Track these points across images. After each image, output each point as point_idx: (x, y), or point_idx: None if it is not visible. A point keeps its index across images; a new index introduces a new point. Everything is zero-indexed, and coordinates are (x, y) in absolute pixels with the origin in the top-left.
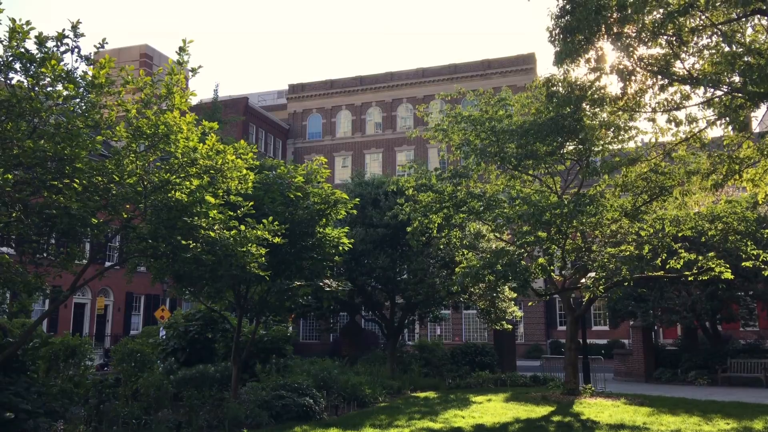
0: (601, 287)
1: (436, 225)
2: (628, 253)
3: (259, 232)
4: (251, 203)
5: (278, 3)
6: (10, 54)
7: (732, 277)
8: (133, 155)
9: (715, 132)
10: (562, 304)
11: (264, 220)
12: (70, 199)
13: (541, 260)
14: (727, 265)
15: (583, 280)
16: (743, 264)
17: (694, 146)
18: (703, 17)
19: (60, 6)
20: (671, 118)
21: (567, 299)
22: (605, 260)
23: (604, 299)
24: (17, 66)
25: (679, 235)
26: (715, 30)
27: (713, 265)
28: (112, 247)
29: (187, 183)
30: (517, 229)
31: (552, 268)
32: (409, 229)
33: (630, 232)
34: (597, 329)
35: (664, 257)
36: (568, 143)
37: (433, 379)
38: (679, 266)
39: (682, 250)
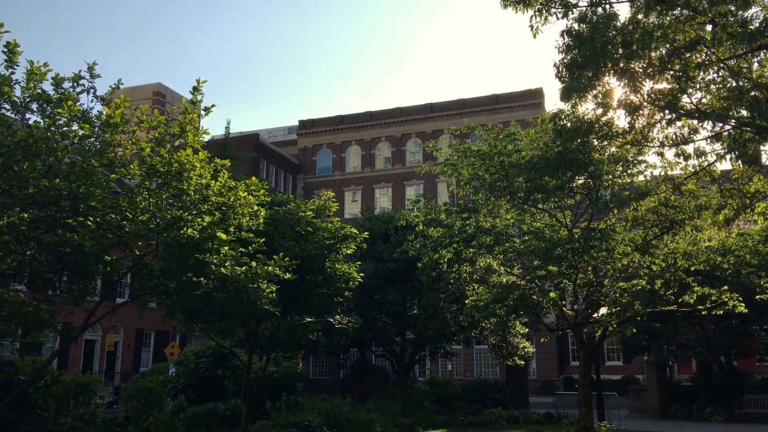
0: (613, 322)
1: (446, 260)
2: (640, 287)
3: (269, 268)
4: (262, 239)
5: (288, 41)
6: (27, 95)
7: (746, 311)
8: (146, 192)
9: (725, 165)
10: (574, 339)
11: (275, 256)
12: (84, 237)
13: (552, 295)
14: (741, 299)
15: (596, 315)
16: (758, 297)
17: (704, 180)
18: (709, 53)
19: (75, 44)
20: (680, 152)
21: (579, 334)
22: (617, 295)
23: (617, 334)
24: (34, 107)
25: (692, 268)
26: (722, 65)
27: (727, 299)
28: (123, 284)
29: (199, 220)
30: (527, 263)
31: (563, 302)
32: (419, 264)
33: (642, 266)
34: (610, 365)
35: (676, 291)
36: (577, 177)
37: (444, 417)
38: (692, 300)
39: (695, 284)
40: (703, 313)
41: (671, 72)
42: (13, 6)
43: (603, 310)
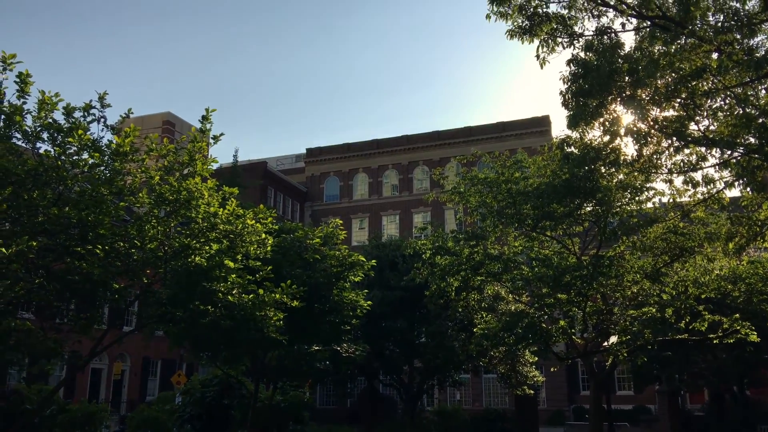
0: (624, 351)
1: (454, 288)
2: (650, 315)
3: (277, 296)
4: (269, 267)
5: (296, 70)
6: (38, 125)
7: (758, 339)
8: (154, 221)
9: (734, 192)
10: (584, 368)
11: (282, 284)
12: (93, 265)
13: (561, 323)
14: (753, 327)
15: (606, 344)
16: None
17: (713, 207)
18: (715, 80)
19: (86, 72)
20: (688, 179)
21: (589, 363)
22: (627, 323)
23: (628, 363)
24: (45, 136)
25: (702, 296)
26: (729, 93)
27: (738, 327)
28: (131, 312)
29: (207, 248)
30: (536, 291)
31: (573, 331)
32: (427, 292)
33: (652, 293)
34: (622, 394)
35: (687, 319)
36: (585, 204)
37: None
38: (703, 329)
39: (706, 312)
40: (715, 341)
41: (678, 100)
42: (24, 34)
43: (613, 339)
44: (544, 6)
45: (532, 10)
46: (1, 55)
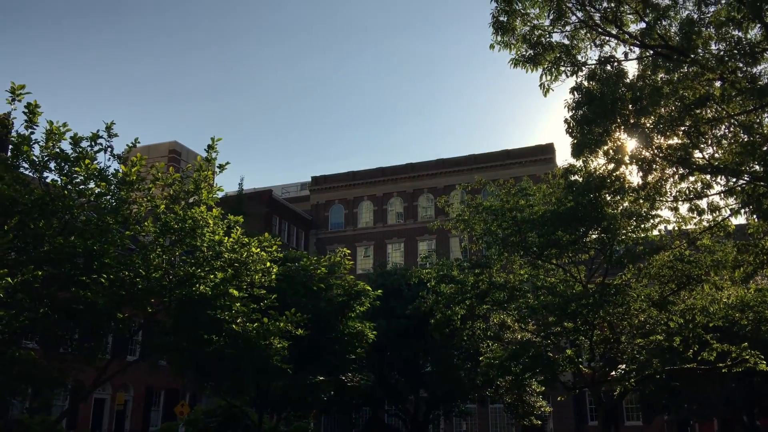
0: (632, 380)
1: (460, 316)
2: (658, 344)
3: (281, 324)
4: (274, 296)
5: (300, 99)
6: (46, 154)
7: (767, 368)
8: (159, 249)
9: (740, 220)
10: (592, 398)
11: (287, 312)
12: (97, 294)
13: (568, 352)
14: (762, 356)
15: (613, 373)
16: None
17: (719, 235)
18: (719, 109)
19: (93, 101)
20: (693, 206)
21: (597, 393)
22: (635, 352)
23: (636, 393)
24: (52, 165)
25: (710, 324)
26: (732, 121)
27: (747, 356)
28: (134, 341)
29: (212, 276)
30: (542, 319)
31: (580, 360)
32: (432, 321)
33: (659, 322)
34: (630, 425)
35: (696, 348)
36: (590, 232)
37: None
38: (712, 358)
39: (714, 341)
40: (723, 370)
41: (682, 128)
42: (31, 62)
43: (621, 368)
44: (547, 36)
45: (535, 39)
46: (11, 86)
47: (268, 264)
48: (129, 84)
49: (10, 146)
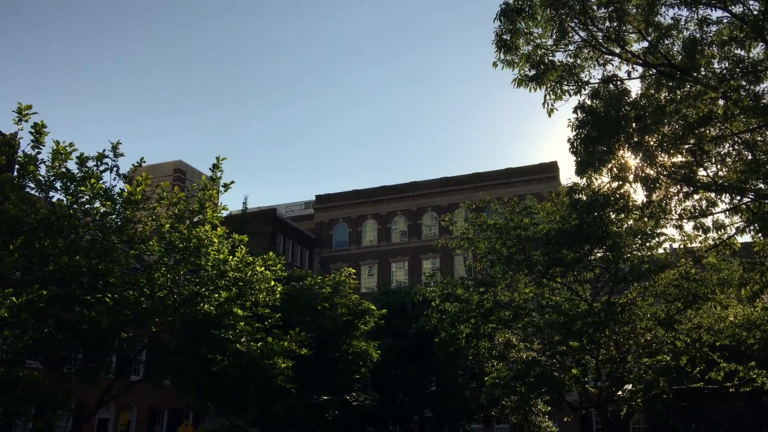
0: (639, 400)
1: (464, 335)
2: (664, 363)
3: (285, 344)
4: (278, 315)
5: (304, 117)
6: (52, 174)
7: None
8: (164, 268)
9: (746, 238)
10: (598, 418)
11: (291, 331)
12: (102, 314)
13: (574, 371)
14: None
15: (620, 393)
16: None
17: (725, 253)
18: (722, 127)
19: (99, 121)
20: (698, 224)
21: (604, 413)
22: (641, 371)
23: (643, 413)
24: (58, 185)
25: (717, 344)
26: (736, 139)
27: (755, 376)
28: (138, 361)
29: (216, 295)
30: (547, 338)
31: (586, 379)
32: (437, 340)
33: (666, 341)
34: None
35: (703, 368)
36: (595, 250)
37: None
38: (719, 377)
39: (722, 360)
40: (731, 390)
41: (686, 146)
42: (36, 81)
43: (628, 388)
44: (550, 54)
45: (538, 58)
46: (18, 106)
47: (273, 283)
48: (135, 102)
49: (17, 166)
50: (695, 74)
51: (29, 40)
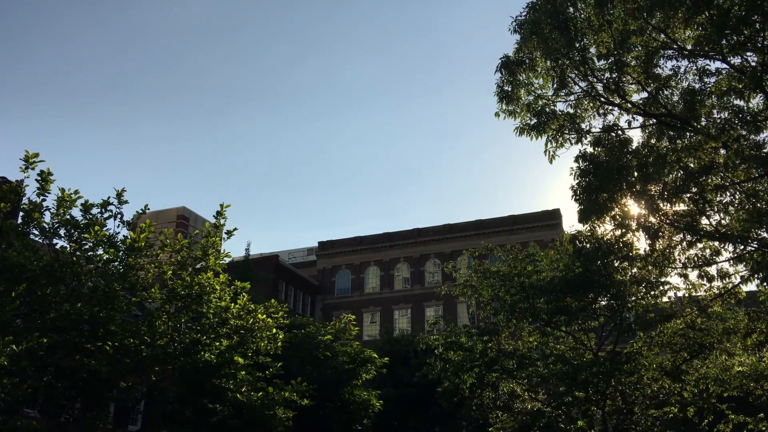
0: None
1: (468, 385)
2: (672, 415)
3: (286, 394)
4: (280, 363)
5: (308, 164)
6: (56, 221)
7: None
8: (165, 316)
9: (751, 287)
10: None
11: (292, 381)
12: (101, 362)
13: (580, 423)
14: None
15: None
16: None
17: (730, 302)
18: (724, 176)
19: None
20: (703, 273)
21: None
22: (649, 423)
23: None
24: (62, 232)
25: (725, 395)
26: (738, 188)
27: (764, 428)
28: (137, 410)
29: (217, 343)
30: (552, 388)
31: (593, 431)
32: (440, 389)
33: (673, 392)
34: None
35: (711, 419)
36: (599, 298)
37: None
38: (728, 430)
39: (730, 412)
40: None
41: (688, 195)
42: (41, 126)
43: None
44: (551, 104)
45: (539, 108)
46: (25, 154)
47: (275, 331)
48: (141, 150)
49: (21, 213)
50: (695, 124)
51: (38, 91)
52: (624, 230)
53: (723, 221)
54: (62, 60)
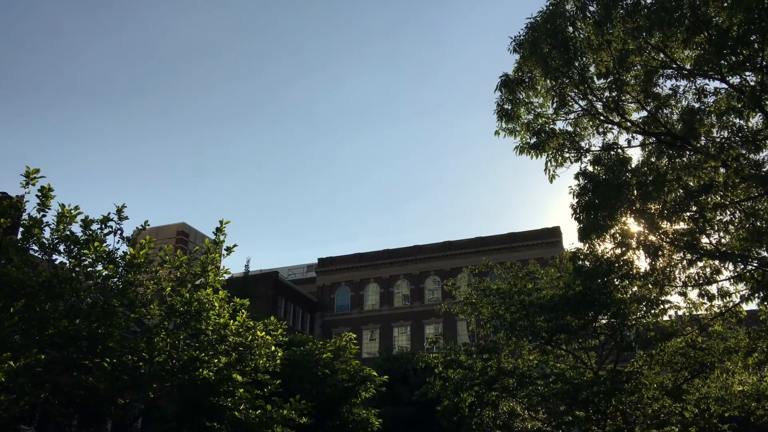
0: None
1: (468, 403)
2: None
3: (285, 412)
4: (278, 381)
5: (308, 180)
6: (56, 237)
7: None
8: (164, 332)
9: (751, 306)
10: None
11: (291, 399)
12: (99, 379)
13: None
14: None
15: None
16: None
17: (731, 321)
18: (723, 195)
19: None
20: (703, 292)
21: None
22: None
23: None
24: (61, 248)
25: (726, 414)
26: (738, 207)
27: None
28: (134, 427)
29: (216, 360)
30: (553, 407)
31: None
32: (439, 408)
33: (674, 412)
34: None
35: None
36: (600, 317)
37: None
38: None
39: None
40: None
41: (687, 214)
42: (40, 141)
43: None
44: (551, 123)
45: (539, 126)
46: (26, 170)
47: (273, 348)
48: (139, 164)
49: (21, 228)
50: (695, 143)
51: (38, 106)
52: (624, 248)
53: (723, 240)
54: (63, 76)
